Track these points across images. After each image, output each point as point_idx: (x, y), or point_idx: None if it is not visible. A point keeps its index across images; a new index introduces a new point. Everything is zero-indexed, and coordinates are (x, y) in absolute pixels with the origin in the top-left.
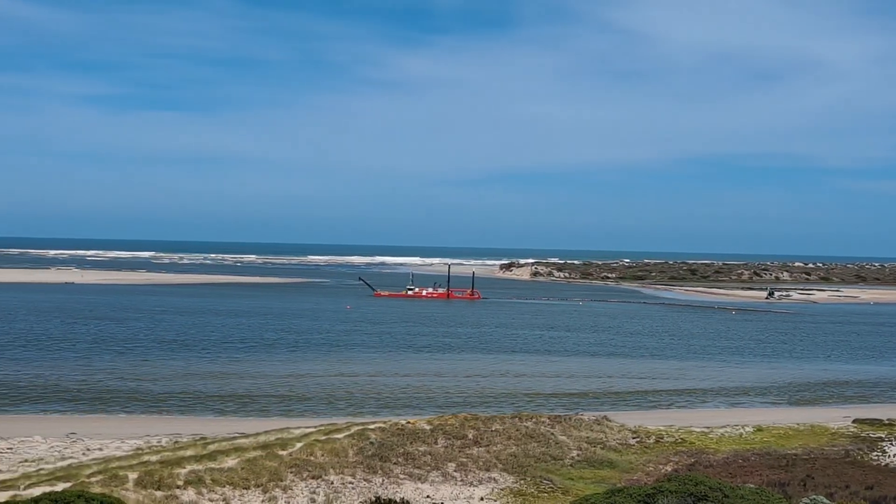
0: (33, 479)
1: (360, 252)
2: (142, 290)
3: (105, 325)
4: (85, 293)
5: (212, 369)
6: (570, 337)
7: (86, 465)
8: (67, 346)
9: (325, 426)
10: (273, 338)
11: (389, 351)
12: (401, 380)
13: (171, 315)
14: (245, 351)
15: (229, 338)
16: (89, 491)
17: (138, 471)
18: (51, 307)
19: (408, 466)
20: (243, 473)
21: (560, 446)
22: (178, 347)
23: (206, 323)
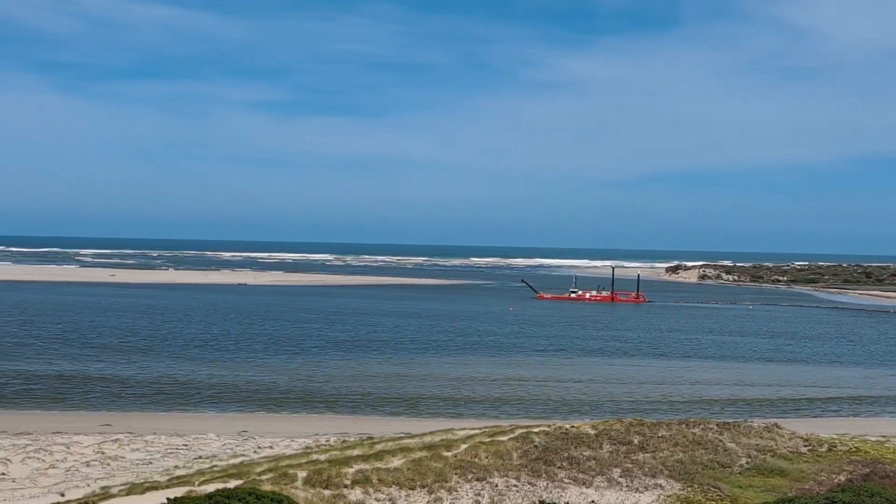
0: (207, 476)
1: (521, 254)
2: (312, 291)
3: (279, 326)
4: (258, 294)
5: (381, 370)
6: (740, 342)
7: (257, 462)
8: (243, 345)
9: (489, 428)
10: (441, 339)
11: (553, 354)
12: (565, 383)
13: (343, 316)
14: (414, 352)
15: (399, 339)
16: (260, 488)
17: (307, 469)
18: (227, 308)
19: (572, 471)
20: (409, 474)
21: (728, 453)
22: (351, 348)
23: (376, 324)
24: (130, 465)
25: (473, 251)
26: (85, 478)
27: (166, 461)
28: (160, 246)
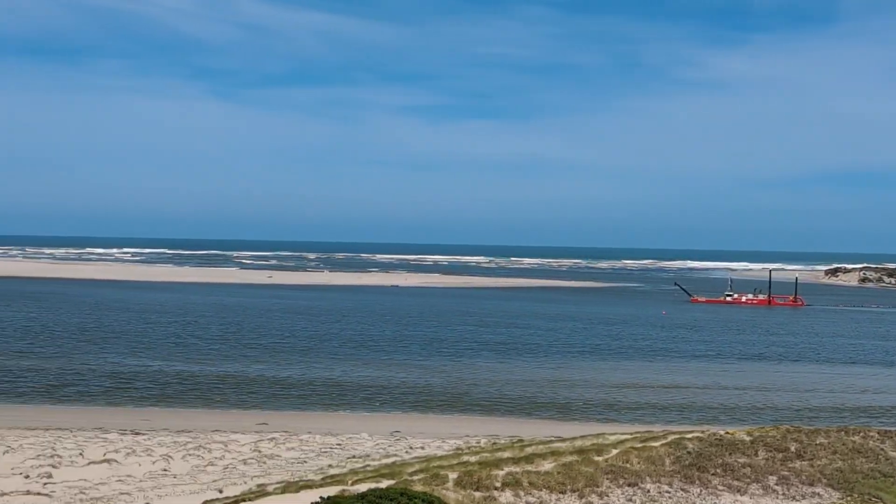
0: (360, 476)
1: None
2: (465, 293)
3: (432, 328)
4: (411, 296)
5: (532, 373)
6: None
7: (408, 463)
8: (398, 347)
9: (640, 433)
10: (593, 343)
11: (710, 359)
12: (721, 390)
13: (496, 318)
14: (566, 356)
15: (552, 342)
16: (411, 489)
17: (458, 471)
18: (381, 309)
19: (726, 478)
20: (559, 478)
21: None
22: (504, 350)
23: (529, 326)
24: (285, 464)
25: (625, 253)
26: (242, 475)
27: (320, 460)
28: (315, 248)
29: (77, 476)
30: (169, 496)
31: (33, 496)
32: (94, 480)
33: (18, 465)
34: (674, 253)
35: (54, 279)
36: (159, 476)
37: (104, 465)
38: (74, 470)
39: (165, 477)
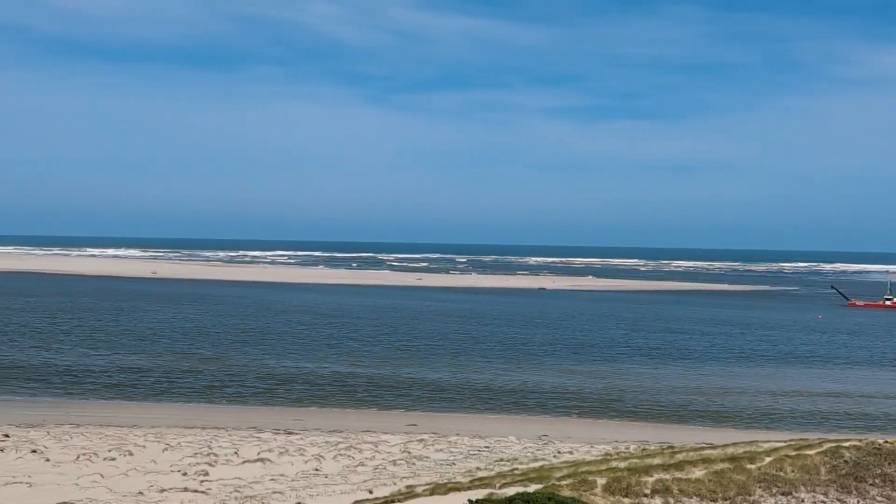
0: (507, 479)
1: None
2: (616, 296)
3: (582, 332)
4: (559, 299)
5: (684, 379)
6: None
7: (556, 467)
8: (550, 350)
9: (794, 441)
10: (749, 349)
11: (869, 365)
12: (881, 398)
13: (649, 322)
14: (720, 362)
15: (705, 348)
16: (559, 493)
17: (606, 476)
18: (529, 312)
19: (885, 489)
20: (710, 486)
21: None
22: (656, 355)
23: (683, 331)
24: (434, 465)
25: (780, 256)
26: (391, 476)
27: (468, 462)
28: (463, 251)
29: (232, 474)
30: (320, 496)
31: (191, 493)
32: (249, 479)
33: (177, 462)
34: (830, 255)
35: (214, 281)
36: (311, 475)
37: (258, 463)
38: (230, 468)
39: (317, 476)
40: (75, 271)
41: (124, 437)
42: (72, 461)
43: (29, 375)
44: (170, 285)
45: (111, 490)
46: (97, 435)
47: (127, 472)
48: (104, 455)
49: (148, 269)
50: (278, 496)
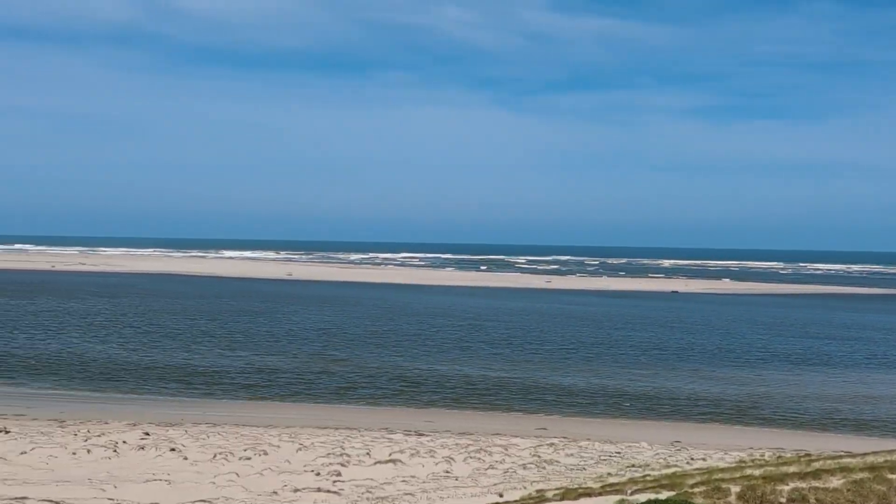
0: (639, 485)
1: None
2: (748, 300)
3: (718, 336)
4: (692, 302)
5: (825, 385)
6: None
7: (689, 474)
8: (685, 355)
9: None
10: None
11: None
12: None
13: (786, 327)
14: (865, 369)
15: (850, 354)
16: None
17: (740, 484)
18: (663, 317)
19: None
20: (849, 495)
21: None
22: (797, 361)
23: (824, 335)
24: (564, 470)
25: None
26: (521, 480)
27: (599, 468)
28: (593, 252)
29: (364, 475)
30: (451, 498)
31: (324, 493)
32: (380, 480)
33: (310, 462)
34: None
35: (346, 283)
36: (442, 478)
37: (390, 464)
38: (362, 469)
39: (447, 479)
40: (212, 273)
41: (259, 436)
42: (209, 460)
43: (169, 375)
44: (304, 287)
45: (246, 489)
46: (233, 434)
47: (262, 472)
48: (240, 454)
49: (283, 271)
50: (409, 498)
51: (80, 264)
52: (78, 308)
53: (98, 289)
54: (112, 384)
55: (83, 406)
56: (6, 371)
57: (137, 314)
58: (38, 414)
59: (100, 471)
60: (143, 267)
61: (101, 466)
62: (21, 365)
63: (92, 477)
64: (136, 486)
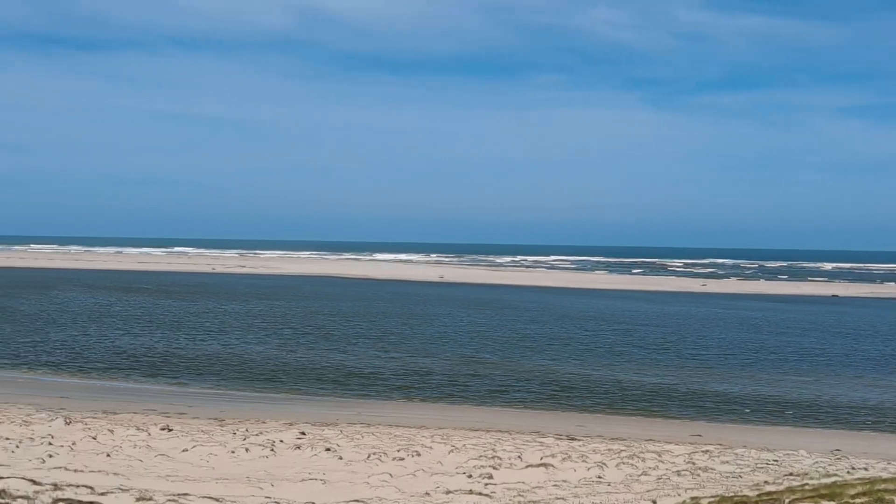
0: (797, 494)
1: None
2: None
3: (884, 342)
4: (856, 307)
5: None
6: None
7: (850, 483)
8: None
9: None
10: None
11: None
12: None
13: None
14: None
15: None
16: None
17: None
18: (826, 322)
19: None
20: None
21: None
22: None
23: None
24: (720, 477)
25: None
26: (675, 487)
27: (755, 475)
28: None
29: (515, 478)
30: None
31: (475, 496)
32: (532, 483)
33: (462, 464)
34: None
35: (497, 286)
36: (594, 483)
37: (541, 468)
38: (513, 472)
39: (599, 484)
40: (366, 276)
41: (412, 437)
42: (363, 460)
43: (325, 376)
44: (456, 289)
45: (399, 490)
46: (387, 435)
47: (414, 473)
48: (393, 455)
49: (435, 274)
50: (561, 502)
51: (239, 266)
52: (237, 310)
53: (257, 290)
54: (270, 384)
55: (242, 405)
56: (170, 370)
57: (295, 316)
58: (199, 413)
59: (258, 469)
60: (298, 269)
61: (259, 465)
62: (183, 365)
63: (250, 475)
64: (292, 485)
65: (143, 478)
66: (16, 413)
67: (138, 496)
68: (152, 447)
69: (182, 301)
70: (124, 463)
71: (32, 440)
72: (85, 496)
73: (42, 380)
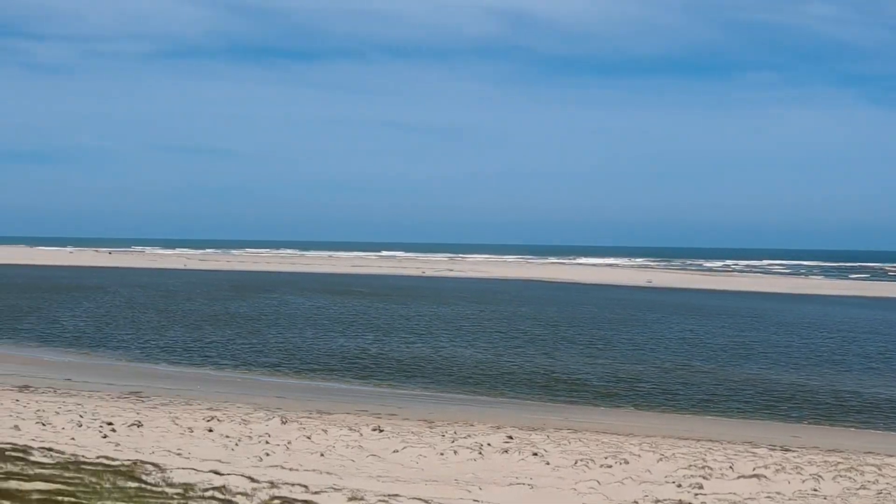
0: None
1: None
2: None
3: None
4: None
5: None
6: None
7: None
8: None
9: None
10: None
11: None
12: None
13: None
14: None
15: None
16: None
17: None
18: None
19: None
20: None
21: None
22: None
23: None
24: None
25: None
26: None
27: None
28: None
29: (726, 489)
30: None
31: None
32: (744, 495)
33: (671, 473)
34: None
35: (706, 291)
36: (809, 496)
37: (753, 480)
38: (724, 483)
39: (815, 497)
40: (571, 280)
41: (620, 444)
42: (570, 466)
43: (532, 381)
44: (664, 294)
45: (607, 497)
46: (594, 441)
47: (622, 481)
48: (600, 462)
49: (642, 278)
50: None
51: (448, 270)
52: (446, 313)
53: (465, 294)
54: (477, 387)
55: (450, 407)
56: (381, 372)
57: (502, 320)
58: (409, 414)
59: (465, 472)
60: (505, 273)
61: (467, 468)
62: (394, 366)
63: (458, 477)
64: (499, 489)
65: (355, 477)
66: (235, 412)
67: (350, 496)
68: (364, 447)
69: (393, 304)
70: (337, 463)
71: (250, 438)
72: (299, 494)
73: (260, 380)
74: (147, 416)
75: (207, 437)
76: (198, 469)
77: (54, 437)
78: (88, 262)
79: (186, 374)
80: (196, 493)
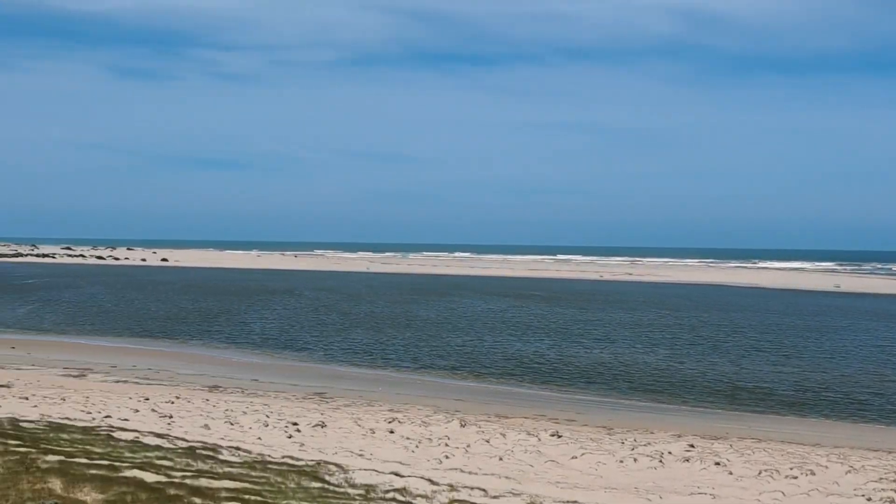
0: None
1: None
2: None
3: None
4: None
5: None
6: None
7: None
8: None
9: None
10: None
11: None
12: None
13: None
14: None
15: None
16: None
17: None
18: None
19: None
20: None
21: None
22: None
23: None
24: None
25: None
26: None
27: None
28: None
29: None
30: None
31: None
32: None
33: (861, 486)
34: None
35: None
36: None
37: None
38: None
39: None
40: (756, 284)
41: (806, 455)
42: (753, 476)
43: (714, 388)
44: (856, 300)
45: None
46: (778, 451)
47: (808, 492)
48: (785, 472)
49: (830, 283)
50: None
51: (627, 274)
52: (625, 318)
53: (645, 298)
54: (657, 394)
55: (630, 414)
56: (560, 377)
57: (684, 325)
58: (588, 420)
59: (645, 480)
60: (684, 277)
61: (647, 476)
62: (573, 371)
63: (638, 486)
64: (680, 498)
65: (533, 483)
66: (416, 413)
67: (529, 501)
68: (542, 453)
69: (571, 308)
70: (515, 467)
71: (430, 441)
72: (478, 498)
73: (439, 381)
74: (330, 416)
75: (388, 439)
76: (379, 470)
77: (242, 436)
78: (275, 266)
79: (368, 376)
80: (377, 494)
